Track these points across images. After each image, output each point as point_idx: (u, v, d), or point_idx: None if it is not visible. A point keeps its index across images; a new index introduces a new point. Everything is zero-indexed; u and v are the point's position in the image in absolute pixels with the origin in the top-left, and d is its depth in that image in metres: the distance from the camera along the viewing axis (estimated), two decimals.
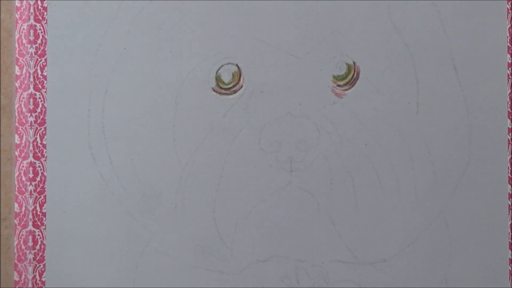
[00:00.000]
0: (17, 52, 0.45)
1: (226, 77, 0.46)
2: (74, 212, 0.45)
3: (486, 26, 0.49)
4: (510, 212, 0.49)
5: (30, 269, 0.45)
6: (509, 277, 0.49)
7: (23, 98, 0.45)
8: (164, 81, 0.46)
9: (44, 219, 0.45)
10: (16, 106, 0.45)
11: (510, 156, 0.49)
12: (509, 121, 0.49)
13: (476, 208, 0.49)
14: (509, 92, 0.49)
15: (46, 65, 0.45)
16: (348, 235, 0.47)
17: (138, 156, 0.46)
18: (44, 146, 0.45)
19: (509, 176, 0.49)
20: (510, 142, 0.49)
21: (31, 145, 0.45)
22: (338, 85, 0.47)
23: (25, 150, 0.45)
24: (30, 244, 0.45)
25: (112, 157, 0.46)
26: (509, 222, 0.49)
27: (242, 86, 0.47)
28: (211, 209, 0.47)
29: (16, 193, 0.45)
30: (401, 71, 0.48)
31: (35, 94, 0.45)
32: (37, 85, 0.45)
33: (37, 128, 0.45)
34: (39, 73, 0.45)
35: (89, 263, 0.45)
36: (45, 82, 0.45)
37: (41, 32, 0.45)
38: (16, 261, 0.45)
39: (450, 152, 0.49)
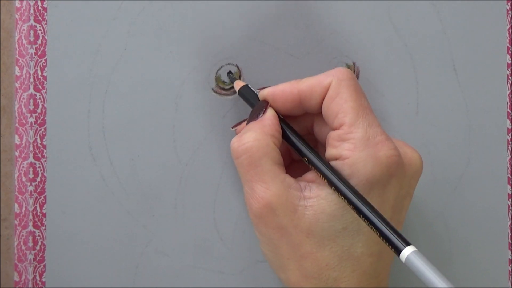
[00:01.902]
0: (17, 52, 0.45)
1: (226, 78, 0.46)
2: (74, 212, 0.45)
3: (486, 27, 0.49)
4: (510, 212, 0.49)
5: (30, 269, 0.45)
6: (509, 277, 0.49)
7: (23, 98, 0.45)
8: (164, 81, 0.46)
9: (44, 219, 0.45)
10: (16, 106, 0.45)
11: (509, 156, 0.49)
12: (508, 121, 0.49)
13: (475, 209, 0.49)
14: (509, 93, 0.49)
15: (46, 65, 0.45)
16: None
17: (138, 156, 0.46)
18: (44, 146, 0.45)
19: (508, 177, 0.49)
20: (510, 142, 0.49)
21: (31, 145, 0.45)
22: None
23: (25, 151, 0.45)
24: (30, 244, 0.45)
25: (112, 158, 0.46)
26: (509, 222, 0.49)
27: None
28: (211, 209, 0.47)
29: (16, 193, 0.45)
30: (401, 71, 0.48)
31: (35, 95, 0.45)
32: (37, 85, 0.45)
33: (37, 128, 0.45)
34: (39, 73, 0.45)
35: (89, 263, 0.45)
36: (45, 82, 0.45)
37: (41, 33, 0.45)
38: (16, 261, 0.45)
39: (449, 152, 0.49)
